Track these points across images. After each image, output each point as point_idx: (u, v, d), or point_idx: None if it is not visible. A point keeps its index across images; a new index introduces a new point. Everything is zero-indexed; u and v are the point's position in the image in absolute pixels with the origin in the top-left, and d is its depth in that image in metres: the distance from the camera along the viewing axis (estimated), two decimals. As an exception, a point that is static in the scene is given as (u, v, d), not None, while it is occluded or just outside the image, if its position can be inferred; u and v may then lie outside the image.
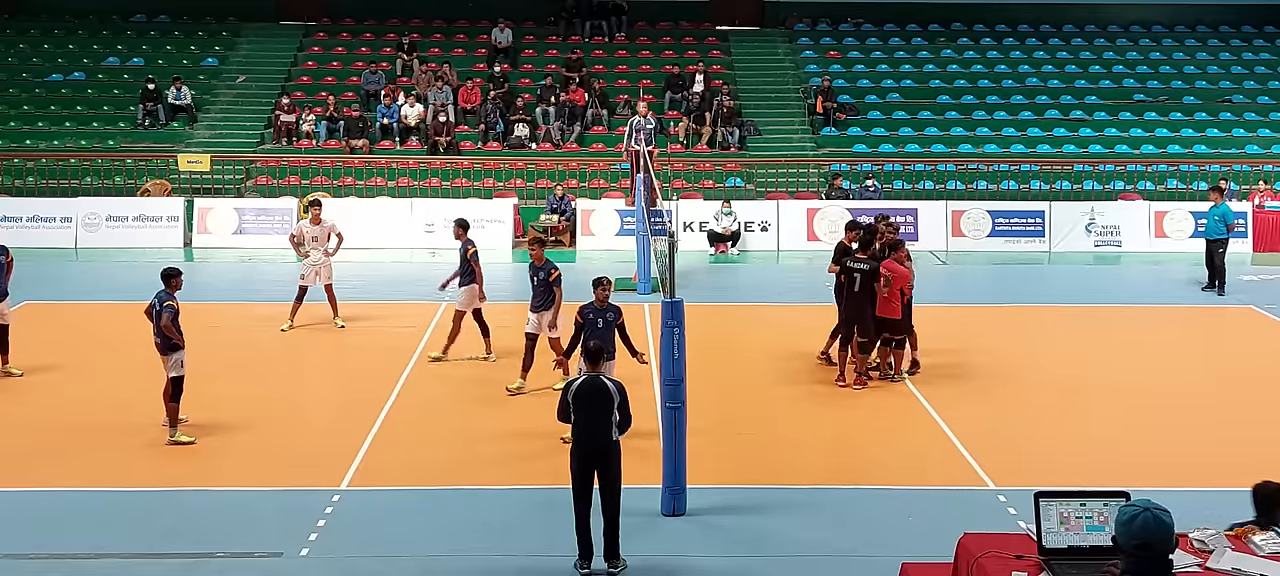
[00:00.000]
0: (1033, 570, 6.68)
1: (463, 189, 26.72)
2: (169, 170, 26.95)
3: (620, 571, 9.55)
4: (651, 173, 18.77)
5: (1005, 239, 25.16)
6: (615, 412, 9.48)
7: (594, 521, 9.54)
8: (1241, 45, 32.89)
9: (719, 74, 30.69)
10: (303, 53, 31.93)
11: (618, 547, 9.56)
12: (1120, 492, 6.80)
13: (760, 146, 28.53)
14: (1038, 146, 28.48)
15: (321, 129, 28.19)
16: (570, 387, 9.70)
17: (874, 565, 9.69)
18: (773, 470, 12.00)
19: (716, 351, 16.32)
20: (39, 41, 31.97)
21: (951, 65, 31.80)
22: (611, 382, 9.63)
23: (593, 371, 9.80)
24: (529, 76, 30.68)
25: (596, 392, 9.53)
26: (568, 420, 9.68)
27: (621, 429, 9.58)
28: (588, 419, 9.50)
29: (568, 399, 9.63)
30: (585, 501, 9.50)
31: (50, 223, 24.87)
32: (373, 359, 15.86)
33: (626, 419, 9.57)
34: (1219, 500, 10.79)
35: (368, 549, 10.04)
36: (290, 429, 13.24)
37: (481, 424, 13.31)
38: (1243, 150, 28.36)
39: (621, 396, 9.54)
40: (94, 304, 19.64)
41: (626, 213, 24.18)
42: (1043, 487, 7.09)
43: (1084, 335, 17.75)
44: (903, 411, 13.91)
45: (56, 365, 15.41)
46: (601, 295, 12.49)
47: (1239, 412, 13.94)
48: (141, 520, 10.63)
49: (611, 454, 9.52)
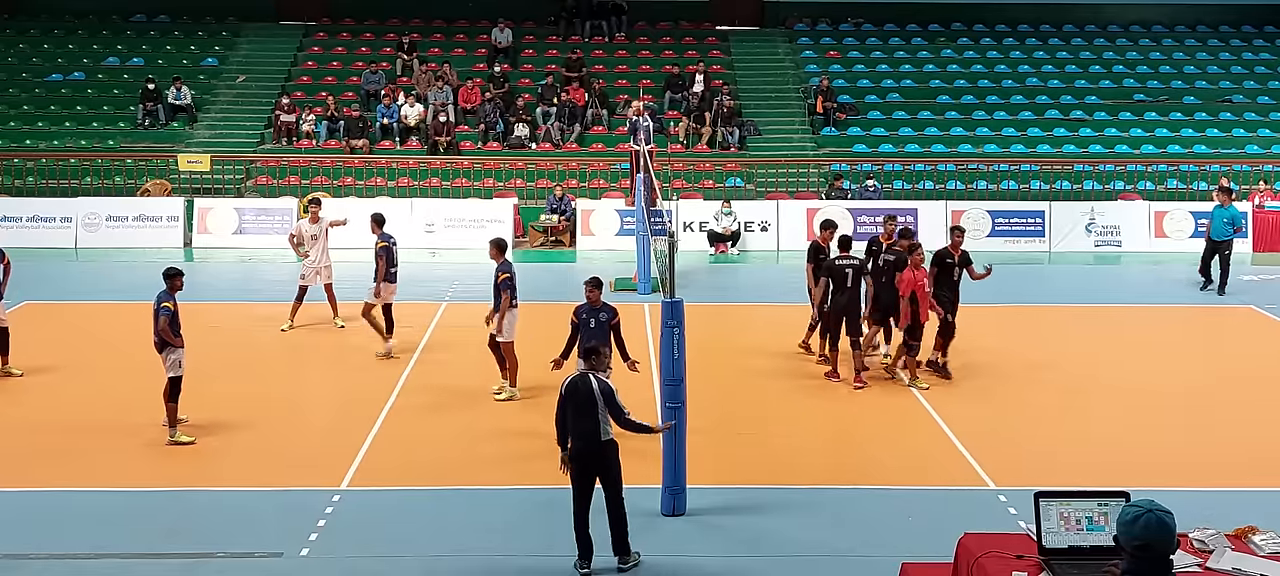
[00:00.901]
0: (1033, 570, 6.68)
1: (463, 189, 26.72)
2: (169, 170, 26.95)
3: (630, 567, 9.56)
4: (651, 172, 18.77)
5: (1005, 239, 25.16)
6: (600, 413, 9.40)
7: (598, 521, 9.52)
8: (1241, 45, 32.89)
9: (719, 74, 30.70)
10: (303, 53, 31.93)
11: (624, 544, 9.56)
12: (1120, 492, 6.80)
13: (760, 146, 28.53)
14: (1038, 146, 28.49)
15: (321, 129, 28.20)
16: (562, 388, 9.68)
17: (874, 565, 9.69)
18: (772, 470, 12.00)
19: (716, 351, 16.31)
20: (39, 41, 31.97)
21: (951, 65, 31.81)
22: (597, 382, 9.51)
23: (587, 371, 9.76)
24: (529, 76, 30.69)
25: (581, 393, 9.47)
26: (561, 425, 9.60)
27: (623, 425, 9.52)
28: (576, 420, 9.46)
29: (560, 398, 9.61)
30: (582, 501, 9.48)
31: (50, 223, 24.88)
32: (373, 359, 15.85)
33: (620, 417, 9.47)
34: (1219, 500, 10.87)
35: (368, 549, 10.03)
36: (290, 429, 13.24)
37: (481, 424, 13.31)
38: (1243, 150, 28.36)
39: (607, 397, 9.43)
40: (94, 304, 19.64)
41: (626, 213, 24.19)
42: (1043, 487, 7.09)
43: (1084, 335, 17.75)
44: (903, 411, 13.91)
45: (56, 365, 15.41)
46: (594, 295, 12.49)
47: (1239, 412, 13.94)
48: (141, 520, 10.63)
49: (605, 454, 9.46)
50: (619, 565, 9.56)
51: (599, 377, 9.58)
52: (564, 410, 9.53)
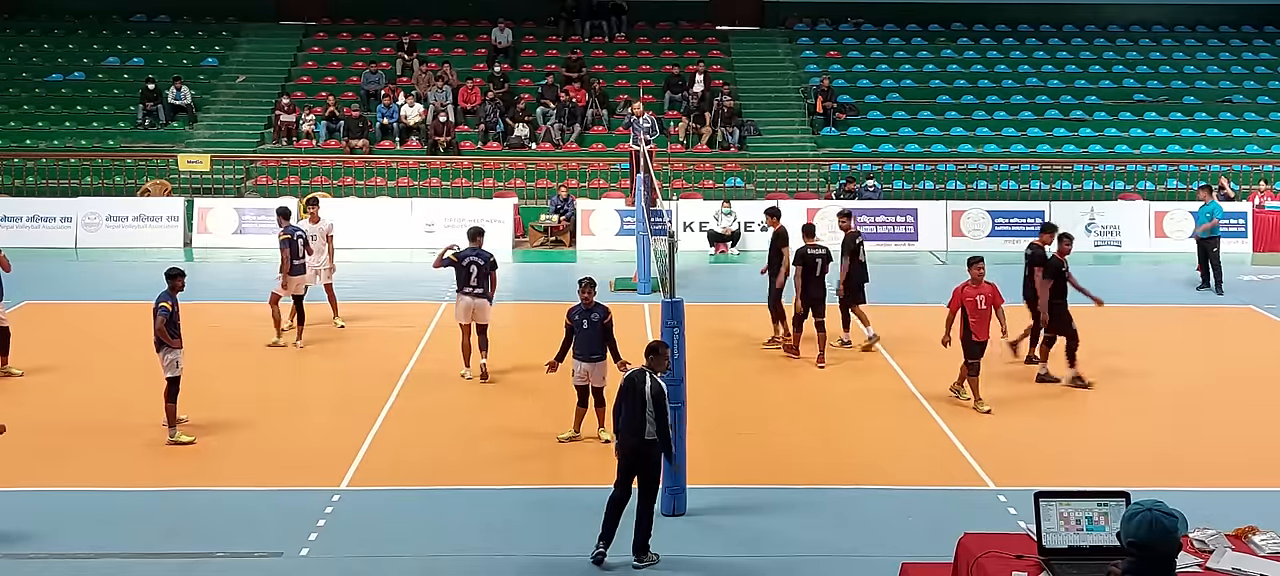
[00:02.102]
0: (1033, 570, 6.68)
1: (463, 189, 26.72)
2: (169, 170, 26.95)
3: (646, 565, 9.60)
4: (651, 172, 18.78)
5: (1005, 239, 25.13)
6: (648, 414, 9.54)
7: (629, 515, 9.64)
8: (1241, 45, 32.89)
9: (719, 74, 30.69)
10: (303, 53, 31.92)
11: (641, 544, 9.64)
12: (1120, 493, 6.81)
13: (760, 146, 28.53)
14: (1038, 146, 28.48)
15: (321, 129, 28.19)
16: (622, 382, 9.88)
17: (874, 565, 9.69)
18: (773, 470, 12.00)
19: (716, 351, 16.32)
20: (39, 41, 31.97)
21: (951, 65, 31.80)
22: (651, 383, 9.64)
23: (645, 369, 9.83)
24: (529, 76, 30.68)
25: (636, 390, 9.66)
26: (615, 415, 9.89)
27: (660, 431, 9.58)
28: (627, 413, 9.66)
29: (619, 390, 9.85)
30: (620, 490, 9.66)
31: (50, 223, 24.88)
32: (373, 359, 15.86)
33: (660, 423, 9.56)
34: (1219, 500, 10.87)
35: (368, 549, 10.04)
36: (290, 429, 13.24)
37: (481, 424, 13.31)
38: (1243, 150, 28.35)
39: (656, 400, 9.56)
40: (94, 304, 19.64)
41: (626, 213, 24.18)
42: (1043, 487, 7.09)
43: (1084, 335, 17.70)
44: (903, 411, 13.91)
45: (56, 365, 15.41)
46: (587, 297, 12.50)
47: (1239, 412, 13.94)
48: (141, 520, 10.63)
49: (647, 453, 9.61)
50: (635, 563, 9.61)
51: (655, 379, 9.71)
52: (619, 404, 9.79)
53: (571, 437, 12.53)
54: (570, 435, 12.54)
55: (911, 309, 19.39)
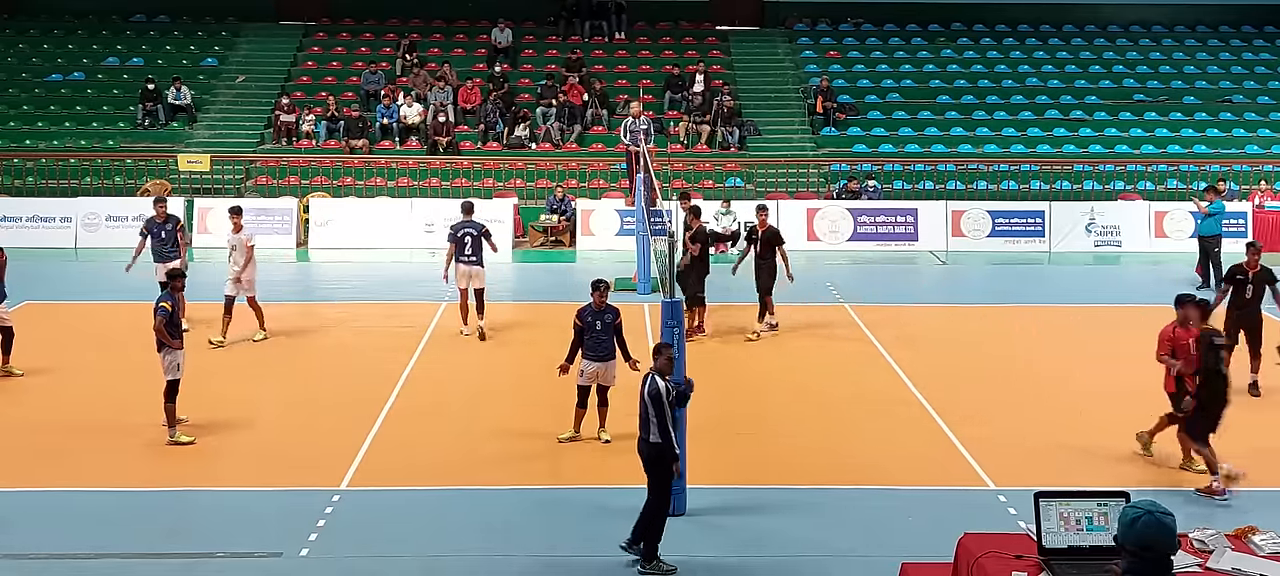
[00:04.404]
0: (1033, 570, 6.68)
1: (462, 189, 26.70)
2: (169, 170, 26.95)
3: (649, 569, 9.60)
4: (651, 172, 18.77)
5: (1005, 239, 25.16)
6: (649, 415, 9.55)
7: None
8: (1241, 45, 32.90)
9: (719, 74, 30.70)
10: (302, 53, 31.93)
11: (636, 544, 9.65)
12: (1120, 493, 6.81)
13: (760, 146, 28.53)
14: (1038, 146, 28.49)
15: (321, 129, 28.19)
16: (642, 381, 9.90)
17: (874, 565, 9.69)
18: (773, 470, 11.99)
19: (716, 351, 16.31)
20: (39, 41, 31.98)
21: (951, 65, 31.81)
22: (649, 386, 9.62)
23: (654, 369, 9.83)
24: (529, 76, 30.68)
25: (642, 392, 9.68)
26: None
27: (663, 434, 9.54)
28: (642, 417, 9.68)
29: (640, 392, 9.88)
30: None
31: (50, 223, 24.89)
32: (373, 359, 15.86)
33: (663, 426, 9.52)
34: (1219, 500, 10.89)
35: (368, 549, 10.03)
36: (290, 429, 13.24)
37: (481, 424, 13.31)
38: (1243, 150, 28.36)
39: (655, 403, 9.53)
40: (94, 304, 19.65)
41: (626, 213, 24.18)
42: (1043, 487, 7.09)
43: (1084, 335, 17.74)
44: (903, 411, 13.90)
45: (56, 365, 15.41)
46: (599, 298, 12.49)
47: (1239, 413, 13.88)
48: (141, 520, 10.63)
49: (647, 456, 9.63)
50: (640, 567, 9.60)
51: (656, 381, 9.64)
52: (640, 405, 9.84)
53: (572, 438, 12.53)
54: (570, 435, 12.55)
55: (912, 309, 19.40)
